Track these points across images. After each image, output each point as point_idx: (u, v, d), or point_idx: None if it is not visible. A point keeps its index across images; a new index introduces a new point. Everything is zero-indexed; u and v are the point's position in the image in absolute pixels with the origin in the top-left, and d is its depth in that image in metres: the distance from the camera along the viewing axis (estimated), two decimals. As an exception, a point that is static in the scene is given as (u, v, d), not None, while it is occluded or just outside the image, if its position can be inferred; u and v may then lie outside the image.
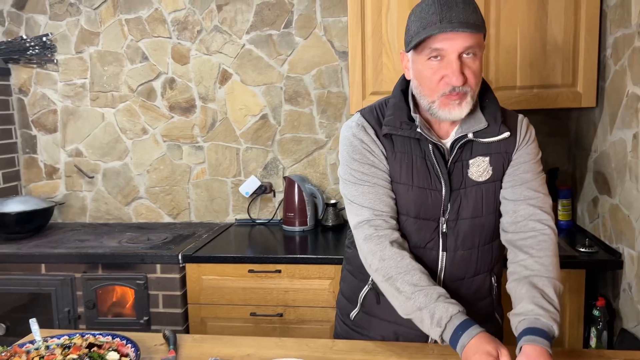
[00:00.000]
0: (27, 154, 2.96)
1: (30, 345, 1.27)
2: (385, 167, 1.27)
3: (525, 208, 1.24)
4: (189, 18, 2.72)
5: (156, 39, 2.77)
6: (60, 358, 1.20)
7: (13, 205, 2.58)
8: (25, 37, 2.84)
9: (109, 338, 1.29)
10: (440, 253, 1.28)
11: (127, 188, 2.91)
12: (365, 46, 2.20)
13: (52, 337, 1.30)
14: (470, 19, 1.12)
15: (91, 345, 1.24)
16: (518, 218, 1.25)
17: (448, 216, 1.27)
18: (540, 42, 2.09)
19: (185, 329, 2.29)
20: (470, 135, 1.23)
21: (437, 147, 1.24)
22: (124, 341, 1.28)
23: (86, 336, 1.29)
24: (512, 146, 1.27)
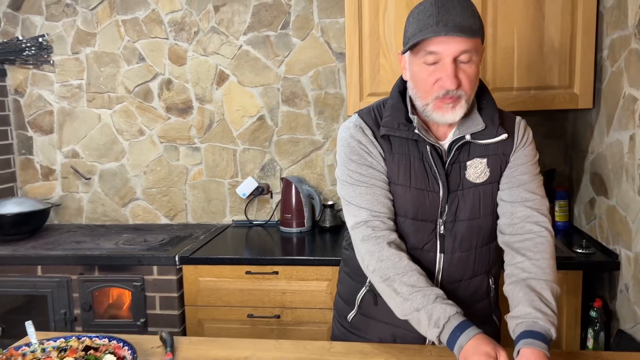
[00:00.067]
0: (23, 155, 2.95)
1: (26, 347, 1.27)
2: (383, 168, 1.26)
3: (523, 210, 1.24)
4: (186, 19, 2.72)
5: (153, 39, 2.76)
6: (56, 361, 1.20)
7: (9, 207, 2.57)
8: (21, 38, 2.83)
9: (106, 341, 1.29)
10: (438, 255, 1.28)
11: (124, 189, 2.90)
12: (363, 47, 2.20)
13: (48, 340, 1.30)
14: (467, 23, 1.11)
15: (87, 348, 1.23)
16: (515, 220, 1.25)
17: (445, 218, 1.27)
18: (537, 44, 2.09)
19: (182, 330, 2.29)
20: (468, 137, 1.23)
21: (435, 149, 1.24)
22: (121, 344, 1.27)
23: (82, 339, 1.29)
24: (510, 148, 1.27)
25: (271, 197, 2.80)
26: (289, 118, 2.72)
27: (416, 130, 1.22)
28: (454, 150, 1.24)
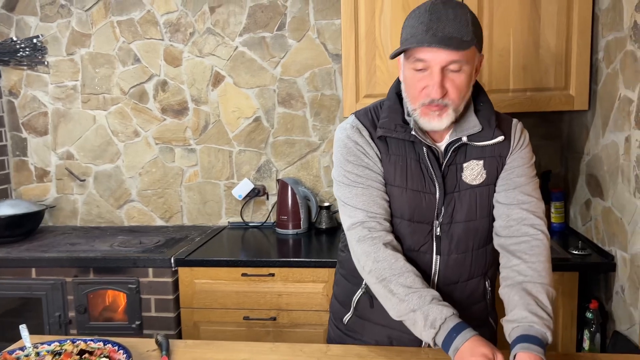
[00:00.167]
0: (18, 156, 2.94)
1: (20, 352, 1.26)
2: (380, 170, 1.26)
3: (519, 212, 1.24)
4: (182, 20, 2.71)
5: (148, 41, 2.75)
6: (50, 365, 1.19)
7: (3, 209, 2.55)
8: (15, 39, 2.81)
9: (101, 344, 1.28)
10: (434, 256, 1.28)
11: (119, 191, 2.88)
12: (359, 49, 2.20)
13: (43, 344, 1.29)
14: (457, 33, 1.10)
15: (82, 351, 1.23)
16: (511, 222, 1.25)
17: (442, 219, 1.26)
18: (533, 45, 2.10)
19: (178, 333, 2.28)
20: (465, 139, 1.23)
21: (432, 150, 1.24)
22: (116, 347, 1.26)
23: (77, 342, 1.28)
24: (506, 150, 1.27)
25: (267, 199, 2.79)
26: (285, 119, 2.72)
27: (413, 132, 1.22)
28: (450, 151, 1.24)
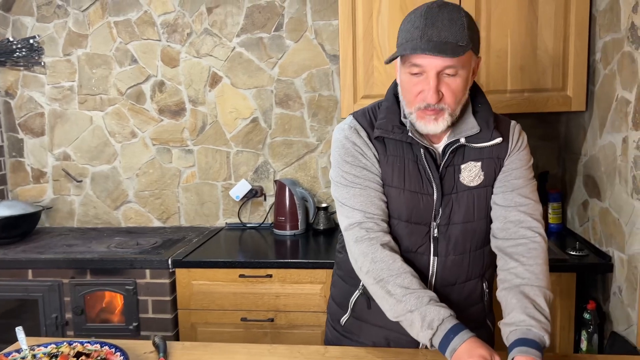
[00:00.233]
0: (14, 157, 2.92)
1: (16, 354, 1.25)
2: (377, 170, 1.26)
3: (516, 214, 1.24)
4: (179, 21, 2.70)
5: (145, 41, 2.74)
6: (47, 367, 1.18)
7: (-1, 210, 2.54)
8: (12, 39, 2.80)
9: (97, 346, 1.27)
10: (432, 258, 1.28)
11: (116, 192, 2.88)
12: (356, 49, 2.20)
13: (39, 346, 1.28)
14: (453, 38, 1.10)
15: (79, 354, 1.22)
16: (508, 224, 1.25)
17: (439, 221, 1.26)
18: (531, 46, 2.10)
19: (175, 334, 2.27)
20: (463, 140, 1.23)
21: (429, 151, 1.24)
22: (113, 349, 1.26)
23: (74, 344, 1.27)
24: (504, 152, 1.27)
25: (265, 200, 2.79)
26: (283, 120, 2.71)
27: (410, 133, 1.22)
28: (448, 153, 1.24)
